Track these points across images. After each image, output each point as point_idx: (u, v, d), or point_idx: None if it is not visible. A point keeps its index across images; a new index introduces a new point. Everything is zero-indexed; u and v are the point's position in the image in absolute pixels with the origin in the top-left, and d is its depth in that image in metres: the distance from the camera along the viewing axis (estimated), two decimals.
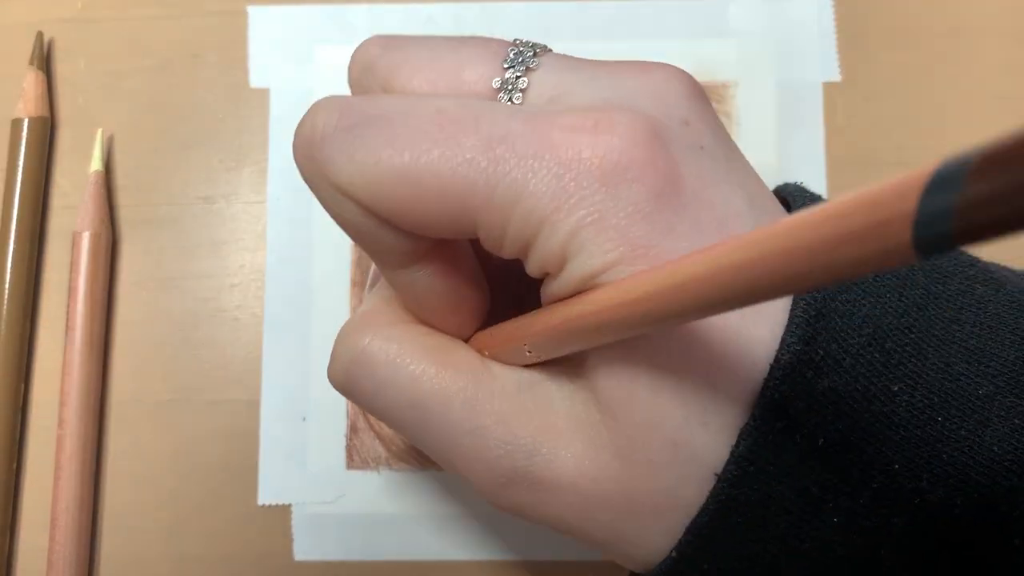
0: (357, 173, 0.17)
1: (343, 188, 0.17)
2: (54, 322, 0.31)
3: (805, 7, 0.32)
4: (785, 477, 0.16)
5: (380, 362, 0.19)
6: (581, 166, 0.16)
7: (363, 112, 0.17)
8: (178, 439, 0.30)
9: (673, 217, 0.16)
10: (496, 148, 0.16)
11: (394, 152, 0.17)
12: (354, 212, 0.17)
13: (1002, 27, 0.32)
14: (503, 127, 0.17)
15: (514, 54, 0.19)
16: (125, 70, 0.33)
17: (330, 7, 0.33)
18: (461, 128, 0.17)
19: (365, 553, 0.29)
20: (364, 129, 0.17)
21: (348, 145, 0.17)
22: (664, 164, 0.16)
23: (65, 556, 0.28)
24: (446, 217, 0.17)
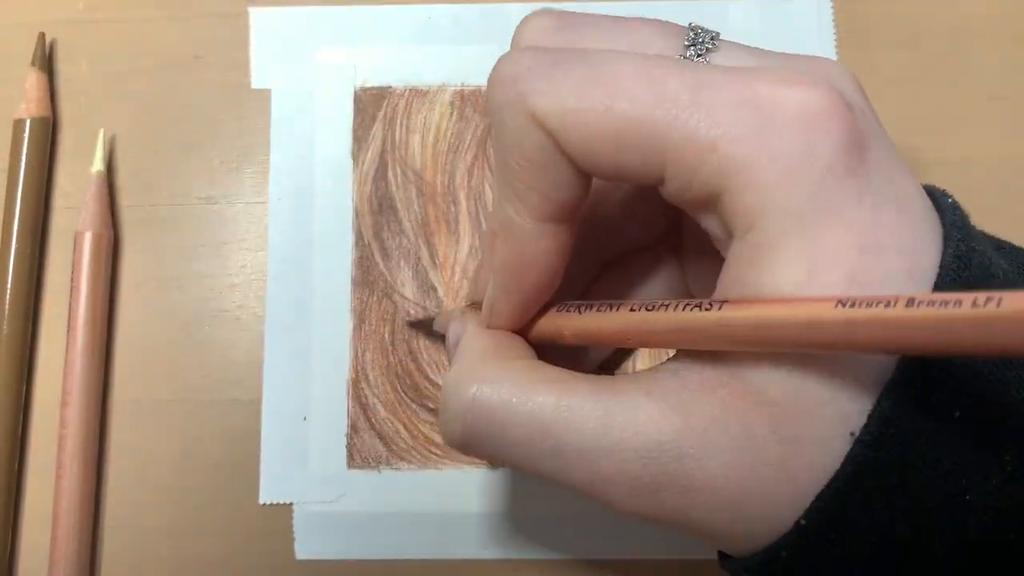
0: (558, 102, 0.17)
1: (540, 115, 0.17)
2: (56, 322, 0.31)
3: (804, 8, 0.32)
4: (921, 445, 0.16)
5: (496, 406, 0.19)
6: (783, 117, 0.16)
7: (568, 52, 0.18)
8: (179, 438, 0.30)
9: (861, 184, 0.16)
10: (700, 91, 0.16)
11: (598, 84, 0.17)
12: (540, 144, 0.17)
13: (1001, 28, 0.32)
14: (706, 75, 0.17)
15: (693, 35, 0.19)
16: (127, 71, 0.33)
17: (331, 8, 0.33)
18: (666, 71, 0.17)
19: (366, 552, 0.29)
20: (569, 63, 0.17)
21: (553, 74, 0.17)
22: (855, 127, 0.16)
23: (67, 555, 0.28)
24: (637, 155, 0.17)
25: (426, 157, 0.32)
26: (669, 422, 0.17)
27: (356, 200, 0.32)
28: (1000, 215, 0.31)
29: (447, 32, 0.33)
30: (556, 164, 0.18)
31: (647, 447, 0.17)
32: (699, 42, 0.19)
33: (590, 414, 0.18)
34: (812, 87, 0.16)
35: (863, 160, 0.16)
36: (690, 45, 0.19)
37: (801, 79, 0.17)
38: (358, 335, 0.31)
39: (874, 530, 0.17)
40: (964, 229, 0.17)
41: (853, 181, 0.16)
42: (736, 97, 0.16)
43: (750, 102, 0.16)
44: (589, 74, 0.17)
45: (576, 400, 0.18)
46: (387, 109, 0.32)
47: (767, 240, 0.16)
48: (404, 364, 0.30)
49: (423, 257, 0.31)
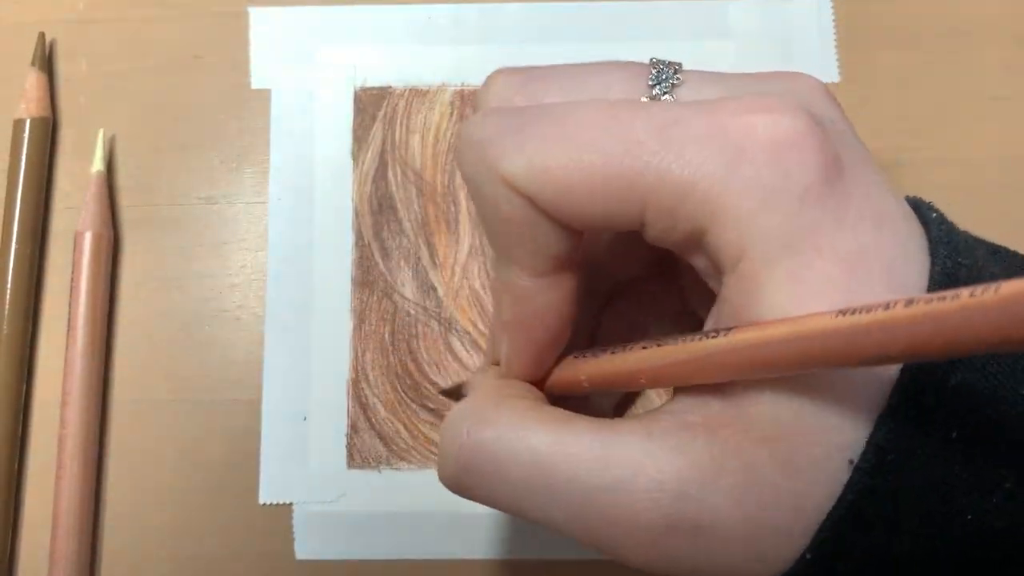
0: (527, 164, 0.17)
1: (512, 180, 0.17)
2: (56, 322, 0.31)
3: (804, 8, 0.32)
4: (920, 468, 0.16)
5: (489, 442, 0.18)
6: (754, 146, 0.16)
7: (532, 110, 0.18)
8: (179, 438, 0.30)
9: (840, 204, 0.16)
10: (668, 130, 0.16)
11: (565, 139, 0.17)
12: (519, 206, 0.17)
13: (1001, 28, 0.32)
14: (673, 113, 0.17)
15: (656, 72, 0.19)
16: (127, 71, 0.33)
17: (331, 8, 0.33)
18: (631, 115, 0.17)
19: (366, 552, 0.29)
20: (534, 121, 0.17)
21: (519, 139, 0.17)
22: (829, 146, 0.16)
23: (67, 555, 0.28)
24: (615, 204, 0.17)
25: (426, 157, 0.32)
26: (670, 462, 0.17)
27: (356, 200, 0.32)
28: (1000, 215, 0.31)
29: (447, 32, 0.33)
30: (538, 223, 0.17)
31: (648, 487, 0.17)
32: (663, 78, 0.19)
33: (588, 452, 0.17)
34: (779, 112, 0.16)
35: (840, 179, 0.16)
36: (655, 83, 0.19)
37: (767, 104, 0.16)
38: (358, 335, 0.31)
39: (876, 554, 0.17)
40: (950, 243, 0.17)
41: (831, 201, 0.16)
42: (704, 132, 0.16)
43: (719, 135, 0.16)
44: (555, 129, 0.17)
45: (573, 437, 0.18)
46: (387, 109, 0.32)
47: (755, 270, 0.16)
48: (404, 364, 0.31)
49: (423, 257, 0.31)
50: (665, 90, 0.19)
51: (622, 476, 0.17)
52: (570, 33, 0.32)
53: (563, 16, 0.33)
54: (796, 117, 0.16)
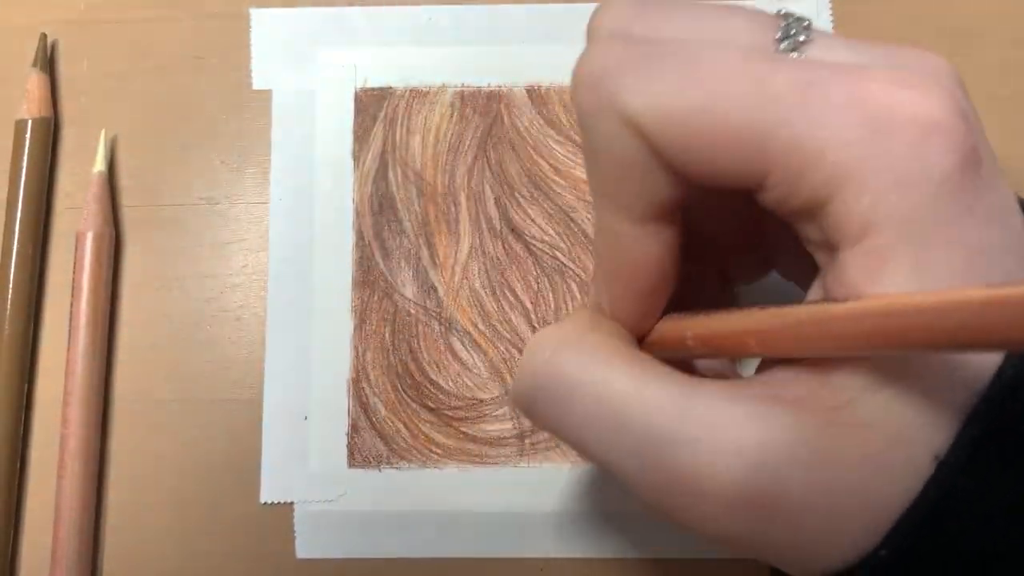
0: (653, 103, 0.16)
1: (633, 118, 0.16)
2: (58, 322, 0.31)
3: (803, 9, 0.32)
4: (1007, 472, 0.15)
5: (570, 369, 0.18)
6: (899, 124, 0.15)
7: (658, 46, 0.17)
8: (181, 438, 0.30)
9: (973, 198, 0.15)
10: (808, 91, 0.15)
11: (697, 81, 0.16)
12: (635, 148, 0.16)
13: (1000, 28, 0.32)
14: (813, 72, 0.16)
15: (785, 26, 0.18)
16: (128, 71, 0.33)
17: (331, 9, 0.33)
18: (770, 67, 0.16)
19: (367, 551, 0.29)
20: (662, 59, 0.16)
21: (646, 70, 0.16)
22: (970, 137, 0.16)
23: (68, 554, 0.28)
24: (738, 159, 0.16)
25: (426, 157, 0.32)
26: (751, 430, 0.16)
27: (357, 200, 0.32)
28: None
29: (447, 32, 0.33)
30: (651, 168, 0.17)
31: (725, 450, 0.16)
32: (792, 33, 0.17)
33: (669, 403, 0.16)
34: (928, 92, 0.16)
35: (977, 173, 0.16)
36: (783, 38, 0.17)
37: (915, 82, 0.16)
38: (359, 335, 0.31)
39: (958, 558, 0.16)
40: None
41: (966, 196, 0.15)
42: (847, 98, 0.15)
43: (862, 105, 0.15)
44: (686, 70, 0.16)
45: (656, 383, 0.17)
46: (388, 109, 0.32)
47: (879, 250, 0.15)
48: (405, 364, 0.31)
49: (423, 257, 0.31)
50: (792, 47, 0.17)
51: (700, 433, 0.16)
52: (570, 34, 0.32)
53: (563, 17, 0.33)
54: (943, 100, 0.15)
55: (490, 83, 0.32)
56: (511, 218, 0.31)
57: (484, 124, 0.32)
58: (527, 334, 0.31)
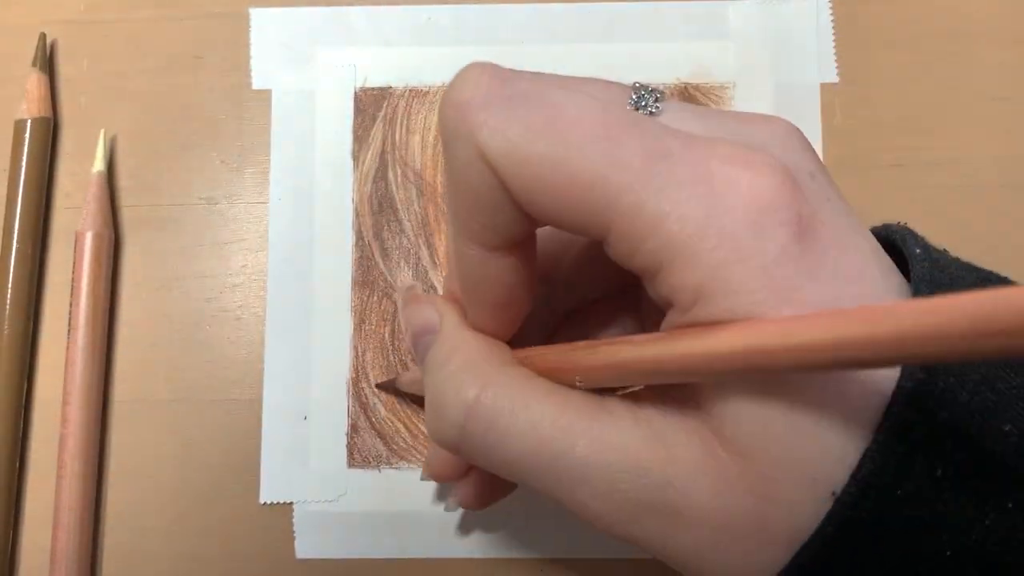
0: (509, 146, 0.16)
1: (489, 156, 0.17)
2: (57, 322, 0.31)
3: (803, 9, 0.32)
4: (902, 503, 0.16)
5: (497, 413, 0.19)
6: (734, 200, 0.16)
7: (525, 87, 0.17)
8: (180, 438, 0.30)
9: (815, 263, 0.16)
10: (656, 161, 0.16)
11: (553, 130, 0.16)
12: (487, 182, 0.17)
13: (1000, 28, 0.32)
14: (664, 143, 0.16)
15: (636, 97, 0.19)
16: (128, 71, 0.33)
17: (331, 9, 0.33)
18: (625, 130, 0.16)
19: (366, 551, 0.29)
20: (526, 104, 0.17)
21: (507, 115, 0.17)
22: (806, 208, 0.16)
23: (68, 554, 0.28)
24: (583, 212, 0.17)
25: (426, 157, 0.32)
26: (655, 451, 0.18)
27: (356, 200, 0.32)
28: (1000, 215, 0.31)
29: (447, 32, 0.33)
30: (500, 202, 0.17)
31: (636, 470, 0.18)
32: (642, 105, 0.19)
33: (586, 432, 0.18)
34: (761, 169, 0.16)
35: (816, 238, 0.16)
36: (633, 108, 0.19)
37: (750, 158, 0.16)
38: (358, 335, 0.31)
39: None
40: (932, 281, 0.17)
41: (805, 261, 0.16)
42: (690, 173, 0.16)
43: (701, 182, 0.16)
44: (545, 116, 0.17)
45: (572, 416, 0.18)
46: (387, 109, 0.32)
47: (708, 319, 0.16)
48: (405, 364, 0.31)
49: (423, 257, 0.31)
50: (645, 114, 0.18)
51: (613, 459, 0.18)
52: (570, 33, 0.32)
53: (563, 16, 0.33)
54: (775, 175, 0.16)
55: None
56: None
57: None
58: None
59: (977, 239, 0.31)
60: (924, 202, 0.31)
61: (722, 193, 0.16)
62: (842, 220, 0.17)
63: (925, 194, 0.31)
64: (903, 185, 0.31)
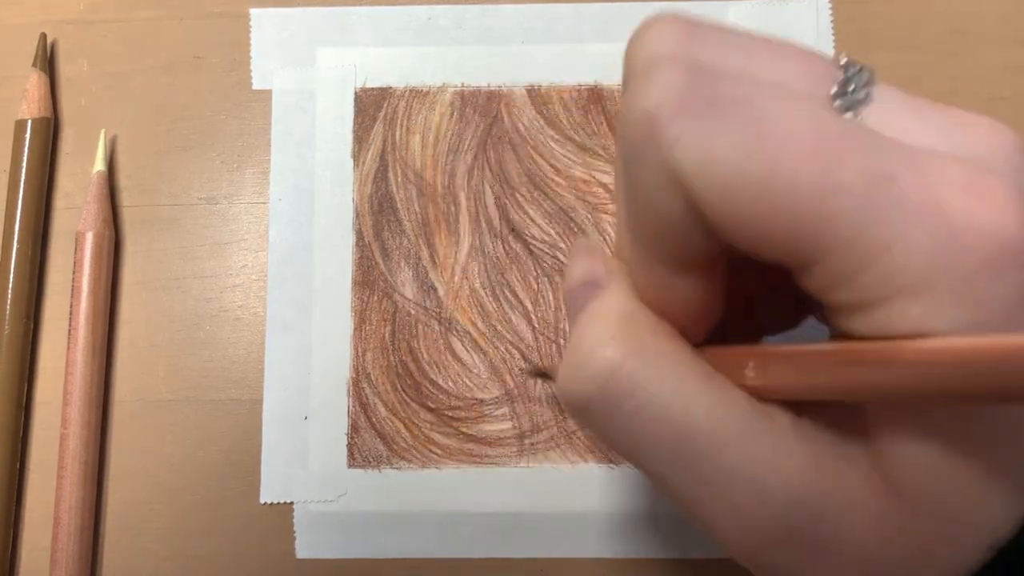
0: (711, 168, 0.14)
1: (681, 175, 0.15)
2: (57, 322, 0.31)
3: (803, 9, 0.32)
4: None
5: (643, 384, 0.16)
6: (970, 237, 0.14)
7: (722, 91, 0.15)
8: (180, 438, 0.30)
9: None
10: (879, 185, 0.14)
11: (761, 148, 0.14)
12: (675, 203, 0.15)
13: (1000, 28, 0.32)
14: (888, 163, 0.14)
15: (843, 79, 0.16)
16: (128, 71, 0.33)
17: (331, 9, 0.33)
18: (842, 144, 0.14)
19: (366, 551, 0.29)
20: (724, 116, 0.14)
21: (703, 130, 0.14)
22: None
23: (68, 555, 0.28)
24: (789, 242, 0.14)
25: (426, 157, 0.32)
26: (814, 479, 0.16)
27: (356, 200, 0.32)
28: None
29: (447, 32, 0.33)
30: (693, 226, 0.15)
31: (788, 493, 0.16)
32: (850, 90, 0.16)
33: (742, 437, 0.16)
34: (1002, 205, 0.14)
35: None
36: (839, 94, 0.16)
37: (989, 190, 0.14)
38: (359, 335, 0.31)
39: None
40: None
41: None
42: (919, 200, 0.14)
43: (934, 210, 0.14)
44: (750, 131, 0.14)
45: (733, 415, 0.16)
46: (387, 109, 0.32)
47: None
48: (405, 364, 0.31)
49: (423, 257, 0.31)
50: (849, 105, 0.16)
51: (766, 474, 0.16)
52: (570, 33, 0.32)
53: (563, 16, 0.33)
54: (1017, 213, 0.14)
55: (490, 83, 0.32)
56: (511, 218, 0.31)
57: (484, 124, 0.32)
58: (527, 334, 0.31)
59: None
60: None
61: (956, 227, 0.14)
62: None
63: None
64: None
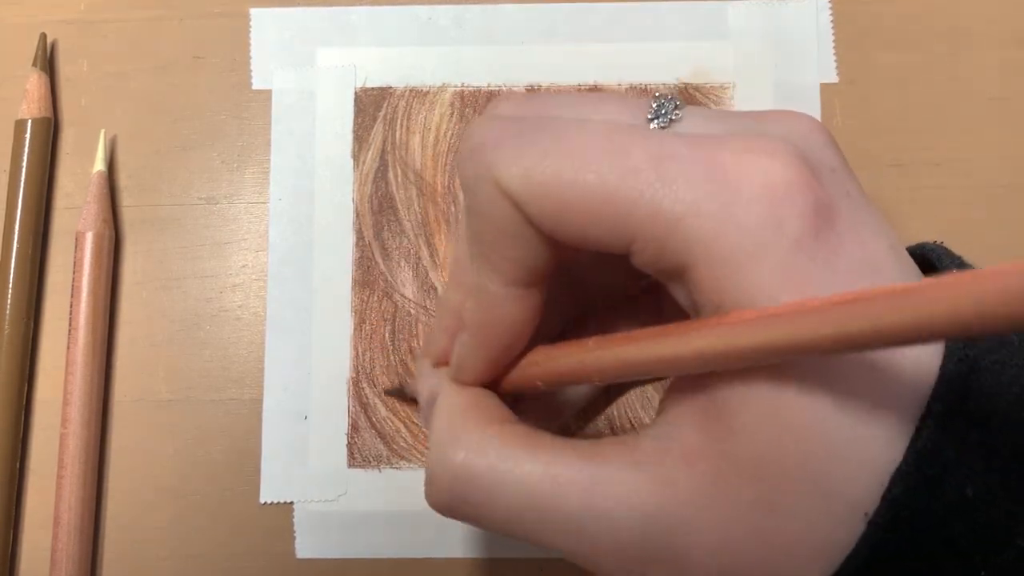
0: (523, 173, 0.17)
1: (507, 187, 0.17)
2: (57, 322, 0.31)
3: (803, 9, 0.32)
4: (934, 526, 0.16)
5: (482, 473, 0.18)
6: (748, 191, 0.16)
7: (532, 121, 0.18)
8: (180, 438, 0.30)
9: (831, 254, 0.16)
10: (665, 164, 0.16)
11: (563, 155, 0.17)
12: (508, 214, 0.17)
13: (999, 28, 0.32)
14: (670, 147, 0.17)
15: (656, 106, 0.19)
16: (128, 71, 0.33)
17: (331, 9, 0.33)
18: (630, 142, 0.17)
19: (366, 551, 0.29)
20: (534, 134, 0.17)
21: (519, 147, 0.17)
22: (824, 198, 0.16)
23: (68, 554, 0.28)
24: (604, 227, 0.17)
25: (426, 157, 0.32)
26: (654, 494, 0.17)
27: (356, 200, 0.32)
28: (1000, 215, 0.31)
29: (447, 32, 0.33)
30: (524, 233, 0.18)
31: (633, 518, 0.17)
32: (662, 113, 0.19)
33: (576, 483, 0.18)
34: (775, 156, 0.16)
35: (832, 229, 0.16)
36: (653, 117, 0.19)
37: (763, 147, 0.16)
38: (359, 335, 0.31)
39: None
40: None
41: (822, 252, 0.16)
42: (700, 169, 0.16)
43: (714, 174, 0.16)
44: (554, 144, 0.17)
45: (562, 468, 0.18)
46: (387, 109, 0.32)
47: None
48: (405, 364, 0.31)
49: (423, 257, 0.31)
50: (663, 124, 0.19)
51: (609, 508, 0.17)
52: (570, 33, 0.32)
53: (563, 16, 0.33)
54: (790, 164, 0.16)
55: (490, 83, 0.32)
56: None
57: None
58: None
59: (977, 239, 0.31)
60: (924, 202, 0.31)
61: (736, 185, 0.16)
62: (861, 215, 0.17)
63: (925, 194, 0.31)
64: (903, 185, 0.31)
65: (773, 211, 0.16)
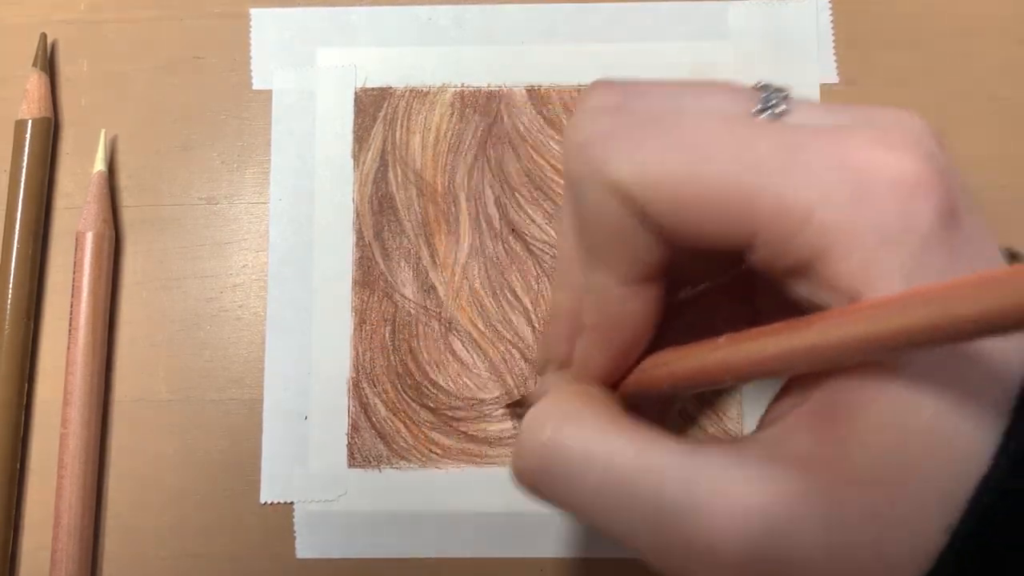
0: (638, 170, 0.16)
1: (620, 184, 0.17)
2: (57, 322, 0.31)
3: (803, 9, 0.32)
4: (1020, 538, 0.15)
5: (573, 446, 0.18)
6: (881, 184, 0.15)
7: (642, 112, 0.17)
8: (180, 438, 0.30)
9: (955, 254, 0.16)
10: (791, 153, 0.16)
11: (682, 148, 0.16)
12: (621, 213, 0.17)
13: (999, 28, 0.32)
14: (794, 135, 0.16)
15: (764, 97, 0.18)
16: (128, 71, 0.33)
17: (332, 9, 0.33)
18: (752, 132, 0.16)
19: (367, 551, 0.29)
20: (645, 127, 0.17)
21: (630, 143, 0.17)
22: (950, 192, 0.16)
23: (68, 554, 0.28)
24: (725, 222, 0.16)
25: (426, 157, 0.32)
26: (758, 493, 0.16)
27: (357, 200, 0.32)
28: (1000, 215, 0.31)
29: (447, 32, 0.33)
30: (639, 233, 0.17)
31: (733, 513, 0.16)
32: (771, 104, 0.18)
33: (674, 472, 0.17)
34: (907, 152, 0.16)
35: (958, 227, 0.16)
36: (762, 108, 0.18)
37: (894, 142, 0.16)
38: (359, 335, 0.31)
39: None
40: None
41: (948, 251, 0.16)
42: (830, 160, 0.16)
43: (845, 166, 0.16)
44: (668, 137, 0.16)
45: (660, 454, 0.17)
46: (387, 110, 0.32)
47: None
48: (405, 364, 0.31)
49: (423, 257, 0.31)
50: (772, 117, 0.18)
51: (707, 498, 0.16)
52: (570, 33, 0.32)
53: (563, 16, 0.33)
54: (920, 158, 0.16)
55: (490, 83, 0.32)
56: (511, 218, 0.31)
57: (484, 124, 0.32)
58: (527, 334, 0.31)
59: None
60: None
61: (867, 175, 0.16)
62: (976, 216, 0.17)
63: None
64: None
65: (907, 205, 0.15)
